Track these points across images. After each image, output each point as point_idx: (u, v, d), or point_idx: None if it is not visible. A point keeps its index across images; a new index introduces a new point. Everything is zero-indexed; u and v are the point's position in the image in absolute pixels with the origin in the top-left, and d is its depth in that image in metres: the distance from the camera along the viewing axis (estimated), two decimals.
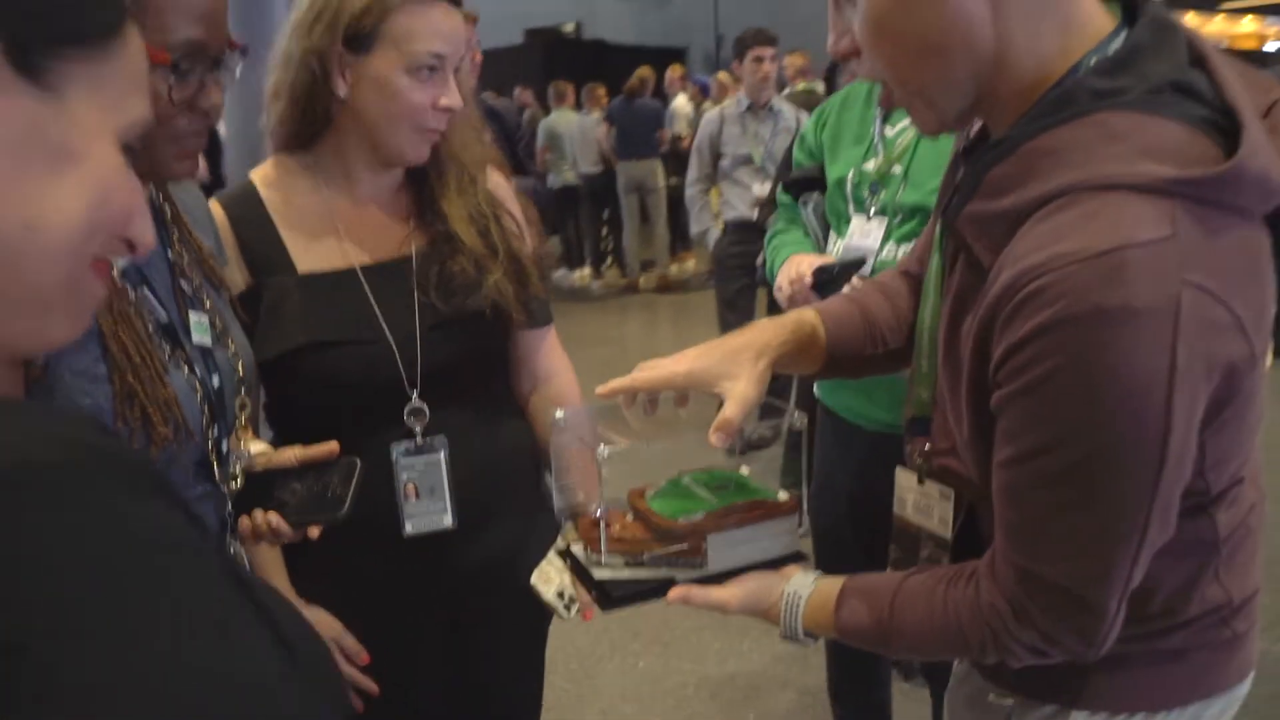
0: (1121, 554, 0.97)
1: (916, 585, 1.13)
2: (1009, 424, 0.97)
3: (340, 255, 1.59)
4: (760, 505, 1.26)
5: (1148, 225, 0.88)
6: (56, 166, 0.63)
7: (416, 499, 1.58)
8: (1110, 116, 0.93)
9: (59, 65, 0.63)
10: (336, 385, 1.53)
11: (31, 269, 0.63)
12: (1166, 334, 0.87)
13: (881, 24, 1.00)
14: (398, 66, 1.49)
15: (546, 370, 1.78)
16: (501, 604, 1.70)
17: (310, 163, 1.60)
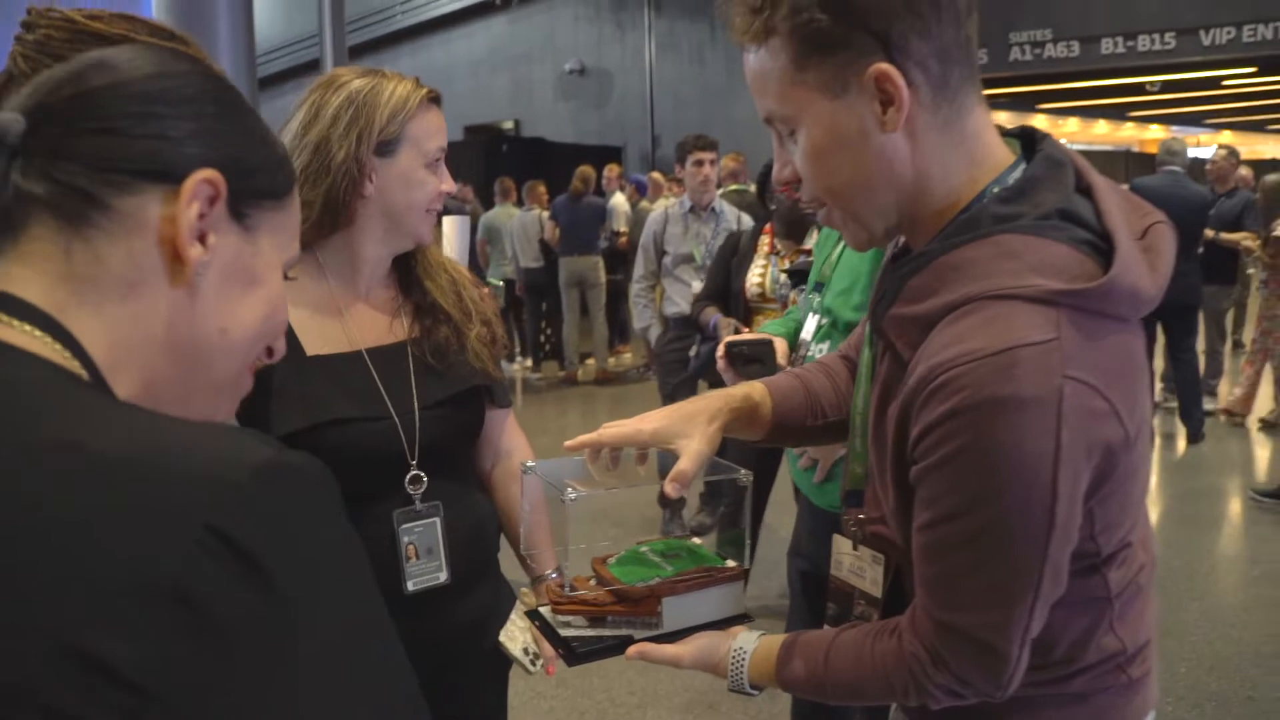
0: (1020, 606, 1.08)
1: (847, 639, 1.25)
2: (924, 494, 1.10)
3: (346, 340, 1.74)
4: (710, 571, 1.38)
5: (1036, 329, 1.02)
6: (247, 288, 0.81)
7: (416, 559, 1.71)
8: (1006, 238, 1.08)
9: (257, 213, 0.81)
10: (349, 458, 1.64)
11: (218, 364, 0.81)
12: (1051, 420, 1.00)
13: (819, 159, 1.13)
14: (419, 162, 1.72)
15: (507, 447, 1.95)
16: (479, 657, 1.82)
17: (314, 258, 1.75)
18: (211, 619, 0.59)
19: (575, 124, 17.31)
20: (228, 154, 0.79)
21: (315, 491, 0.67)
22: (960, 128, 1.12)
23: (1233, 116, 24.99)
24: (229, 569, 0.60)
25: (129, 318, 0.75)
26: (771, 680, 1.29)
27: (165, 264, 0.75)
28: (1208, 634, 4.24)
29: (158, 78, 0.77)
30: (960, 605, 1.12)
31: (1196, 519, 5.80)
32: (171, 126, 0.76)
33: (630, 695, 3.76)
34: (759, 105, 1.17)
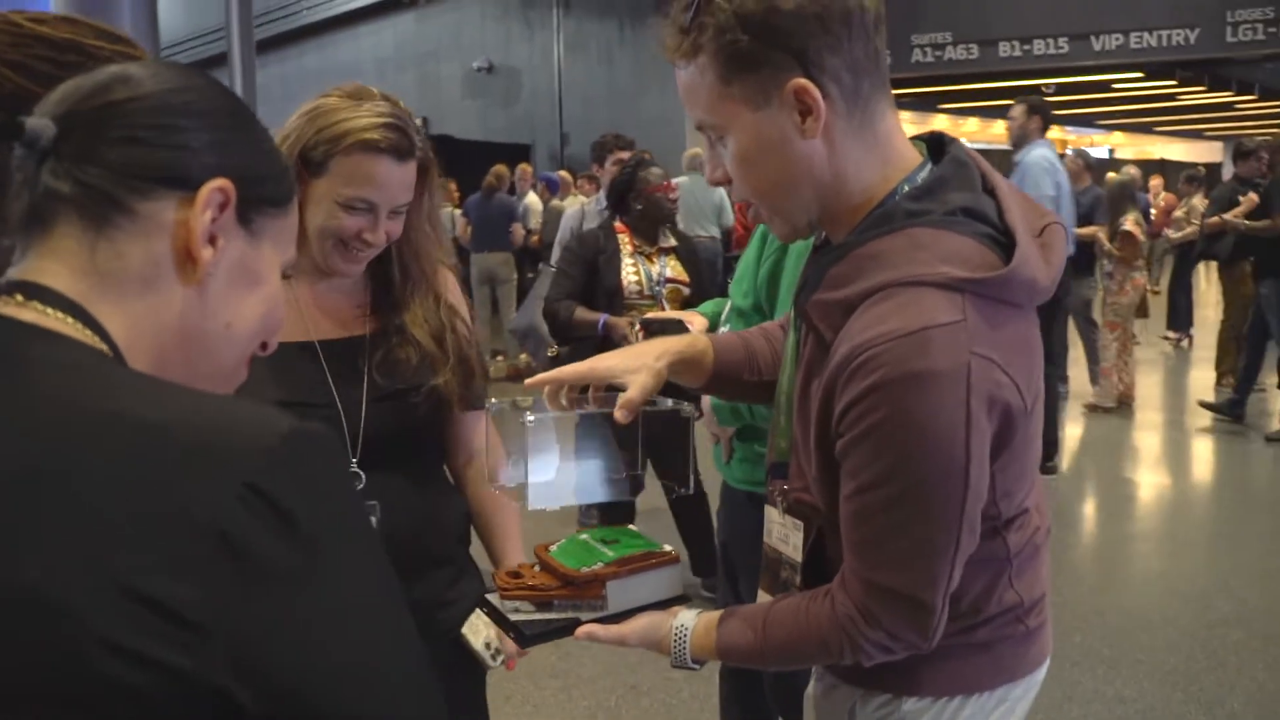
0: (942, 562, 1.20)
1: (783, 607, 1.34)
2: (850, 465, 1.21)
3: (303, 330, 1.76)
4: (651, 555, 1.47)
5: (944, 311, 1.15)
6: (250, 287, 0.89)
7: None
8: (917, 231, 1.20)
9: (261, 219, 0.89)
10: None
11: (222, 354, 0.90)
12: (961, 391, 1.13)
13: (746, 163, 1.25)
14: (332, 197, 1.67)
15: (481, 445, 1.94)
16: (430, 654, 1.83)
17: None
18: (252, 562, 0.68)
19: (483, 122, 17.26)
20: (238, 164, 0.86)
21: (334, 456, 0.77)
22: (872, 132, 1.24)
23: (1123, 119, 25.84)
24: (266, 521, 0.69)
25: (146, 310, 0.83)
26: (712, 653, 1.37)
27: (179, 263, 0.84)
28: (1099, 603, 4.47)
29: (178, 92, 0.85)
30: (888, 565, 1.22)
31: (1088, 496, 6.07)
32: (190, 138, 0.84)
33: (553, 678, 3.85)
34: (690, 114, 1.27)
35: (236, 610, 0.68)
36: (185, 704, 0.67)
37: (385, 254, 1.78)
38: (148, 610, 0.66)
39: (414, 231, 1.79)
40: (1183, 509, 6.02)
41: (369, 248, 1.71)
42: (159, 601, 0.66)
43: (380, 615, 0.78)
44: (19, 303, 0.79)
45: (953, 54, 13.38)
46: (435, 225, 1.86)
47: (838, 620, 1.27)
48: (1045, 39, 13.07)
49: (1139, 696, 3.67)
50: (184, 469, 0.70)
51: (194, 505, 0.68)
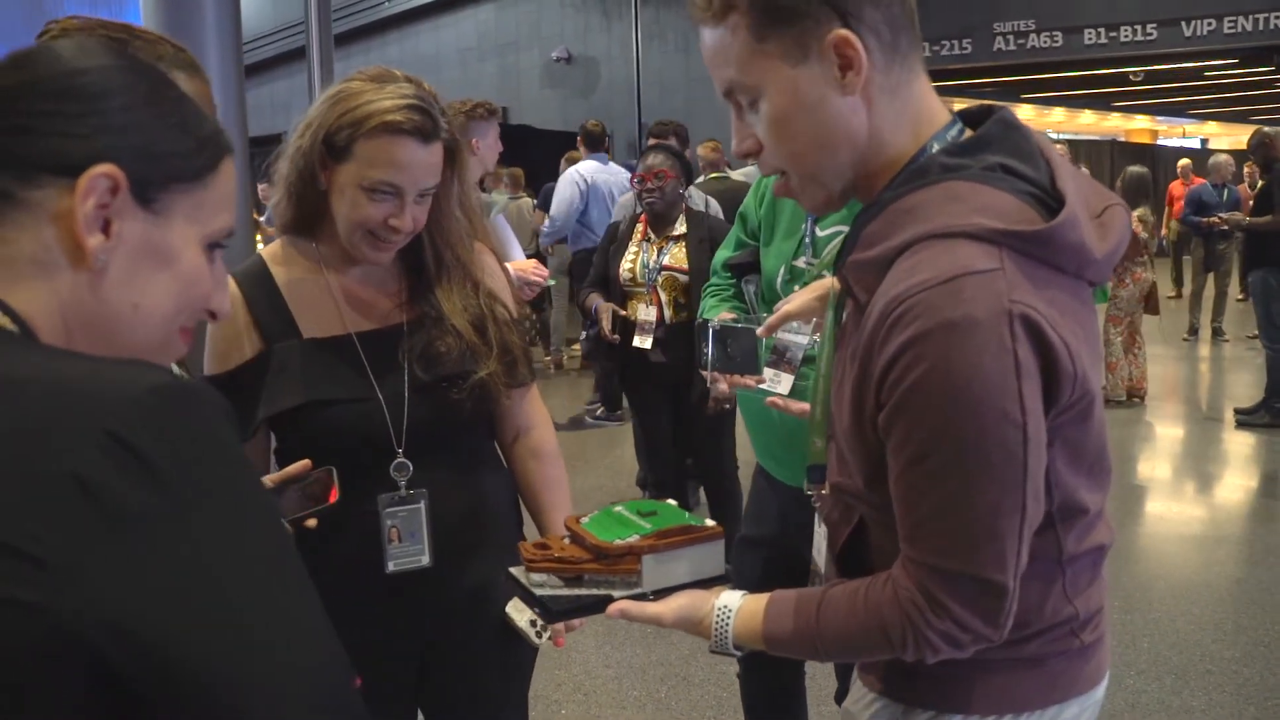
0: (1009, 532, 1.10)
1: (839, 593, 1.23)
2: (896, 438, 1.12)
3: (339, 324, 1.76)
4: (690, 529, 1.34)
5: (979, 259, 1.07)
6: (159, 266, 0.88)
7: (399, 542, 1.75)
8: (953, 184, 1.14)
9: (168, 197, 0.88)
10: (331, 438, 1.67)
11: (135, 335, 0.88)
12: (1005, 337, 1.05)
13: (782, 124, 1.19)
14: (357, 182, 1.66)
15: (527, 423, 1.96)
16: (475, 637, 1.85)
17: (312, 247, 1.79)
18: (107, 506, 0.69)
19: (562, 112, 17.32)
20: (132, 145, 0.85)
21: (203, 409, 0.76)
22: (908, 90, 1.19)
23: (1217, 107, 25.12)
24: (124, 467, 0.70)
25: (45, 292, 0.83)
26: (757, 639, 1.27)
27: (68, 250, 0.83)
28: (1170, 610, 4.35)
29: (71, 75, 0.84)
30: (949, 545, 1.12)
31: (1155, 495, 5.92)
32: (74, 124, 0.83)
33: (606, 668, 3.85)
34: (719, 79, 1.22)
35: (88, 551, 0.68)
36: (50, 650, 0.68)
37: (416, 241, 1.77)
38: (4, 554, 0.67)
39: (444, 218, 1.78)
40: (1261, 514, 5.83)
41: (397, 234, 1.70)
42: (13, 545, 0.67)
43: (252, 571, 0.75)
44: None
45: (1036, 42, 13.13)
46: (468, 210, 1.84)
47: (900, 608, 1.16)
48: (1133, 25, 12.76)
49: (1208, 708, 3.54)
50: (48, 419, 0.71)
51: (54, 452, 0.70)
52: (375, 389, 1.73)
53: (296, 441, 1.69)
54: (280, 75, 17.77)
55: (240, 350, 1.75)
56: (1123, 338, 7.96)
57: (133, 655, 0.69)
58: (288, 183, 1.74)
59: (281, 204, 1.77)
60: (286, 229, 1.81)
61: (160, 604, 0.70)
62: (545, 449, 1.98)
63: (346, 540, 1.69)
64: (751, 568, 2.47)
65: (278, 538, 0.79)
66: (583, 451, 6.77)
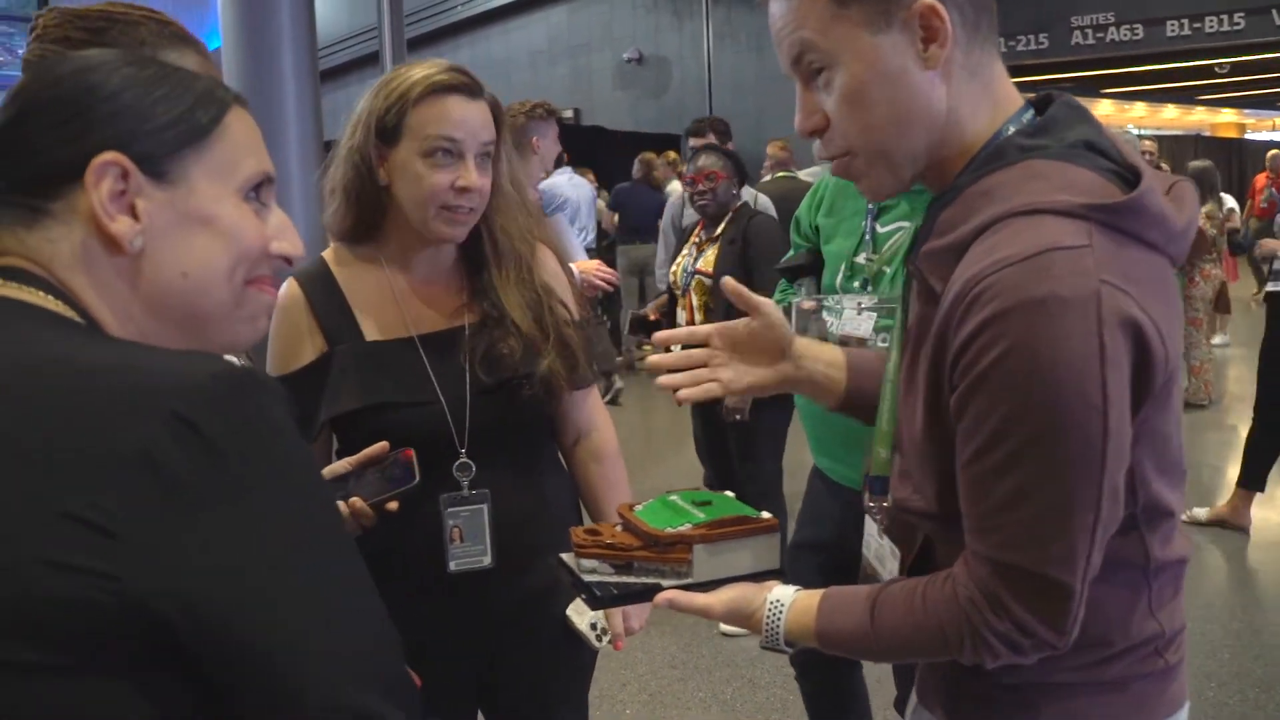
0: (1080, 530, 1.04)
1: (896, 589, 1.18)
2: (968, 421, 1.06)
3: (401, 326, 1.76)
4: (745, 521, 1.31)
5: (1068, 236, 1.02)
6: (194, 229, 0.91)
7: (461, 542, 1.75)
8: (1033, 163, 1.09)
9: (178, 164, 0.91)
10: (393, 441, 1.63)
11: (198, 301, 0.92)
12: (1092, 320, 0.99)
13: (857, 97, 1.13)
14: (416, 153, 1.68)
15: (588, 425, 1.96)
16: (536, 639, 1.84)
17: (372, 252, 1.79)
18: (173, 482, 0.73)
19: (634, 113, 17.35)
20: (125, 129, 0.88)
21: (262, 394, 0.80)
22: (988, 73, 1.15)
23: None
24: (189, 446, 0.74)
25: (99, 285, 0.88)
26: (810, 636, 1.22)
27: (105, 242, 0.88)
28: (1253, 620, 4.23)
29: (48, 89, 0.89)
30: (1015, 539, 1.06)
31: None
32: (65, 130, 0.87)
33: (671, 668, 3.84)
34: (788, 46, 1.16)
35: (155, 524, 0.73)
36: (118, 617, 0.72)
37: (475, 232, 1.77)
38: (78, 526, 0.72)
39: (499, 197, 1.78)
40: None
41: (467, 196, 1.69)
42: (87, 518, 0.72)
43: (308, 549, 0.80)
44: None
45: (1115, 35, 12.86)
46: (519, 187, 1.84)
47: (959, 607, 1.11)
48: (1218, 15, 12.43)
49: None
50: (119, 403, 0.75)
51: (124, 433, 0.74)
52: (437, 391, 1.74)
53: (360, 442, 1.69)
54: (354, 80, 18.00)
55: (303, 352, 1.76)
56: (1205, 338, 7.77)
57: (195, 626, 0.73)
58: (345, 186, 1.75)
59: (340, 210, 1.78)
60: (344, 236, 1.82)
61: (220, 578, 0.74)
62: (606, 451, 1.97)
63: (409, 540, 1.70)
64: (808, 572, 2.42)
65: (332, 519, 0.84)
66: (651, 451, 6.77)
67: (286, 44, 5.77)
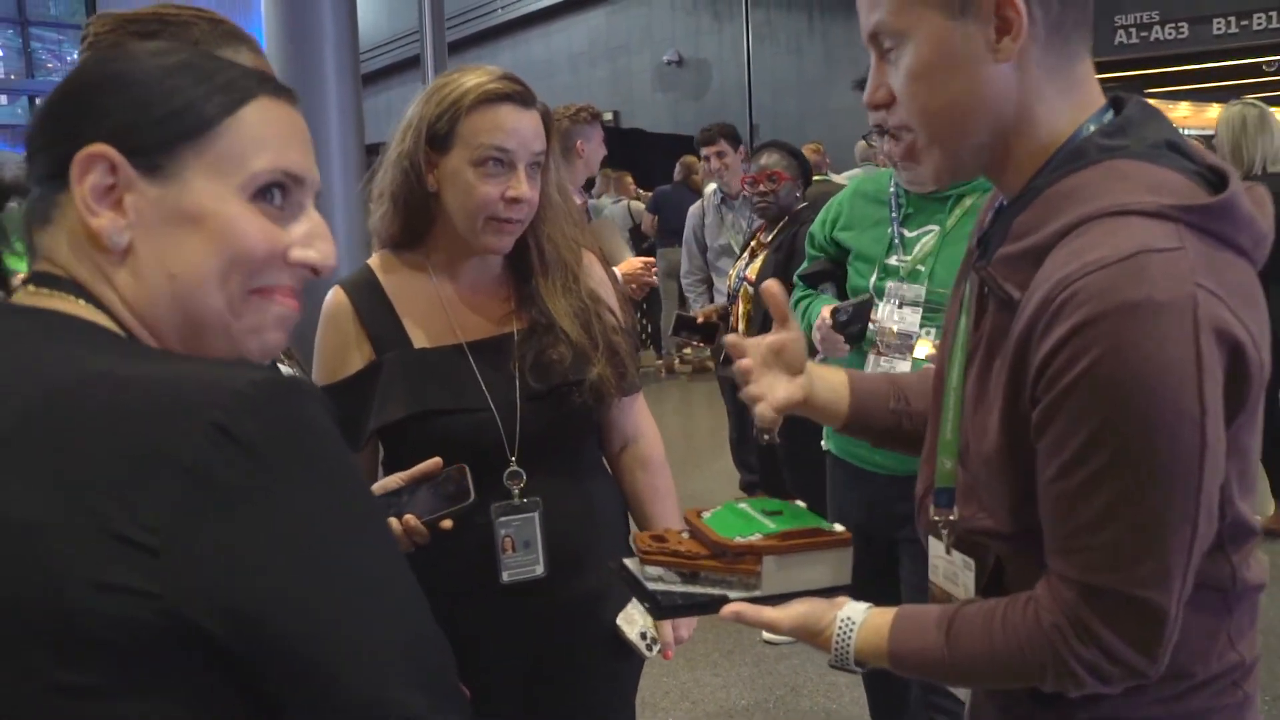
0: (1176, 548, 0.98)
1: (974, 611, 1.12)
2: (1053, 435, 1.01)
3: (450, 333, 1.75)
4: (818, 533, 1.27)
5: (1160, 238, 0.97)
6: (183, 228, 0.86)
7: (513, 551, 1.73)
8: (1117, 163, 1.05)
9: (174, 158, 0.86)
10: (444, 449, 1.61)
11: (189, 305, 0.87)
12: (1188, 326, 0.94)
13: (922, 77, 1.10)
14: (467, 162, 1.67)
15: (635, 432, 1.95)
16: (584, 648, 1.84)
17: (420, 259, 1.79)
18: (212, 489, 0.73)
19: (674, 115, 17.35)
20: (116, 124, 0.85)
21: (301, 399, 0.79)
22: (1068, 72, 1.10)
23: None
24: (228, 453, 0.73)
25: (101, 283, 0.86)
26: (882, 657, 1.17)
27: (90, 238, 0.85)
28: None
29: (59, 90, 0.89)
30: (1104, 559, 1.01)
31: None
32: (63, 126, 0.87)
33: (714, 676, 3.82)
34: (866, 22, 1.14)
35: (198, 537, 0.72)
36: (163, 634, 0.72)
37: (522, 240, 1.76)
38: (125, 546, 0.71)
39: (546, 207, 1.77)
40: None
41: (517, 207, 1.68)
42: (132, 537, 0.71)
43: (352, 550, 0.79)
44: (31, 292, 0.87)
45: (1160, 34, 12.71)
46: (565, 195, 1.83)
47: (1041, 633, 1.05)
48: (1267, 12, 12.24)
49: None
50: (159, 413, 0.75)
51: (164, 444, 0.73)
52: (487, 398, 1.73)
53: (407, 452, 1.69)
54: (395, 84, 18.15)
55: (350, 361, 1.75)
56: None
57: (241, 632, 0.73)
58: (393, 191, 1.74)
59: (387, 215, 1.77)
60: (392, 241, 1.81)
61: (265, 580, 0.74)
62: (653, 459, 1.96)
63: (460, 552, 1.66)
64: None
65: (376, 523, 0.83)
66: (692, 456, 6.76)
67: (329, 48, 5.81)
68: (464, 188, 1.68)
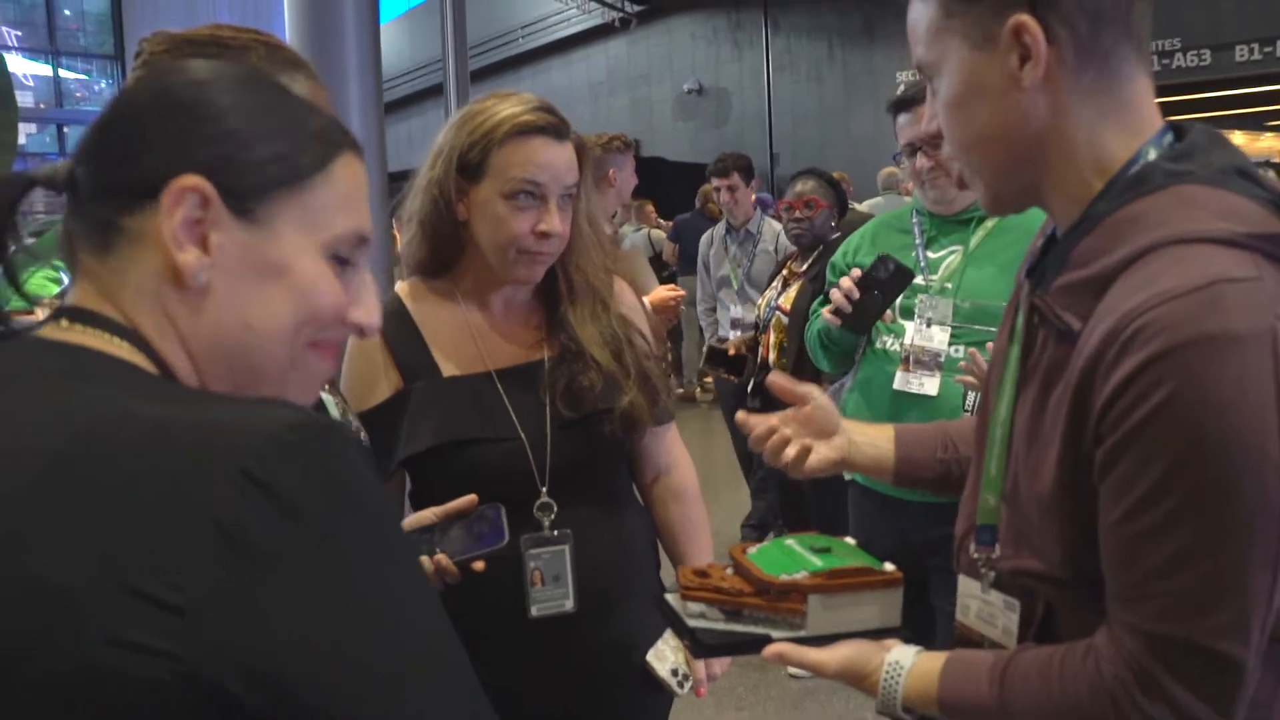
0: (1254, 595, 0.92)
1: (1030, 659, 1.06)
2: (1118, 477, 0.96)
3: (479, 361, 1.73)
4: (867, 572, 1.22)
5: (1235, 266, 0.92)
6: (267, 279, 0.83)
7: (542, 585, 1.68)
8: (1185, 188, 0.99)
9: (266, 205, 0.83)
10: (473, 479, 1.60)
11: (254, 356, 0.85)
12: (1268, 360, 0.89)
13: (954, 108, 1.10)
14: (498, 194, 1.64)
15: (668, 462, 1.91)
16: (615, 686, 1.79)
17: (448, 286, 1.77)
18: (245, 547, 0.67)
19: (694, 143, 17.38)
20: (213, 156, 0.81)
21: (339, 445, 0.74)
22: (1112, 94, 1.05)
23: None
24: (261, 507, 0.68)
25: (163, 322, 0.82)
26: (931, 704, 1.12)
27: (171, 273, 0.81)
28: None
29: (154, 97, 0.84)
30: (1176, 608, 0.94)
31: None
32: (160, 143, 0.81)
33: (739, 710, 3.77)
34: (914, 52, 1.14)
35: (227, 597, 0.67)
36: (182, 695, 0.67)
37: (551, 268, 1.74)
38: (143, 601, 0.66)
39: (577, 238, 1.75)
40: None
41: (548, 241, 1.66)
42: (155, 595, 0.66)
43: (390, 610, 0.73)
44: (64, 327, 0.82)
45: (1182, 61, 12.66)
46: (595, 225, 1.80)
47: (1103, 685, 0.98)
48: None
49: None
50: (186, 461, 0.70)
51: (192, 495, 0.68)
52: (517, 427, 1.69)
53: (436, 482, 1.66)
54: (415, 112, 18.25)
55: (378, 389, 1.73)
56: None
57: (267, 698, 0.68)
58: (421, 218, 1.72)
59: (415, 241, 1.75)
60: (420, 268, 1.79)
61: (296, 645, 0.68)
62: (686, 490, 1.92)
63: (488, 584, 1.61)
64: None
65: (416, 577, 0.78)
66: (709, 486, 6.71)
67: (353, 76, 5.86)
68: (494, 219, 1.66)
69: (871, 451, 1.40)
